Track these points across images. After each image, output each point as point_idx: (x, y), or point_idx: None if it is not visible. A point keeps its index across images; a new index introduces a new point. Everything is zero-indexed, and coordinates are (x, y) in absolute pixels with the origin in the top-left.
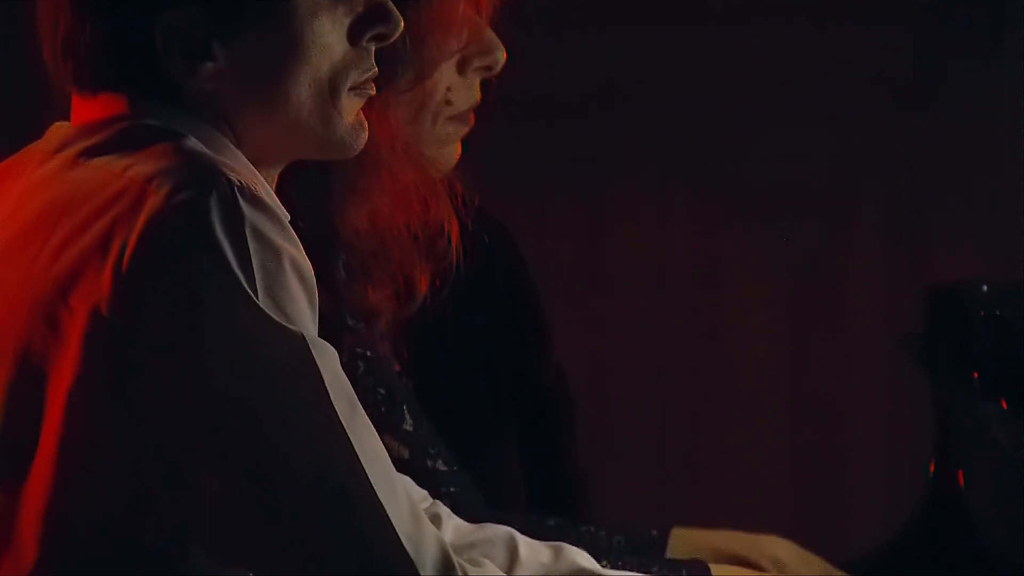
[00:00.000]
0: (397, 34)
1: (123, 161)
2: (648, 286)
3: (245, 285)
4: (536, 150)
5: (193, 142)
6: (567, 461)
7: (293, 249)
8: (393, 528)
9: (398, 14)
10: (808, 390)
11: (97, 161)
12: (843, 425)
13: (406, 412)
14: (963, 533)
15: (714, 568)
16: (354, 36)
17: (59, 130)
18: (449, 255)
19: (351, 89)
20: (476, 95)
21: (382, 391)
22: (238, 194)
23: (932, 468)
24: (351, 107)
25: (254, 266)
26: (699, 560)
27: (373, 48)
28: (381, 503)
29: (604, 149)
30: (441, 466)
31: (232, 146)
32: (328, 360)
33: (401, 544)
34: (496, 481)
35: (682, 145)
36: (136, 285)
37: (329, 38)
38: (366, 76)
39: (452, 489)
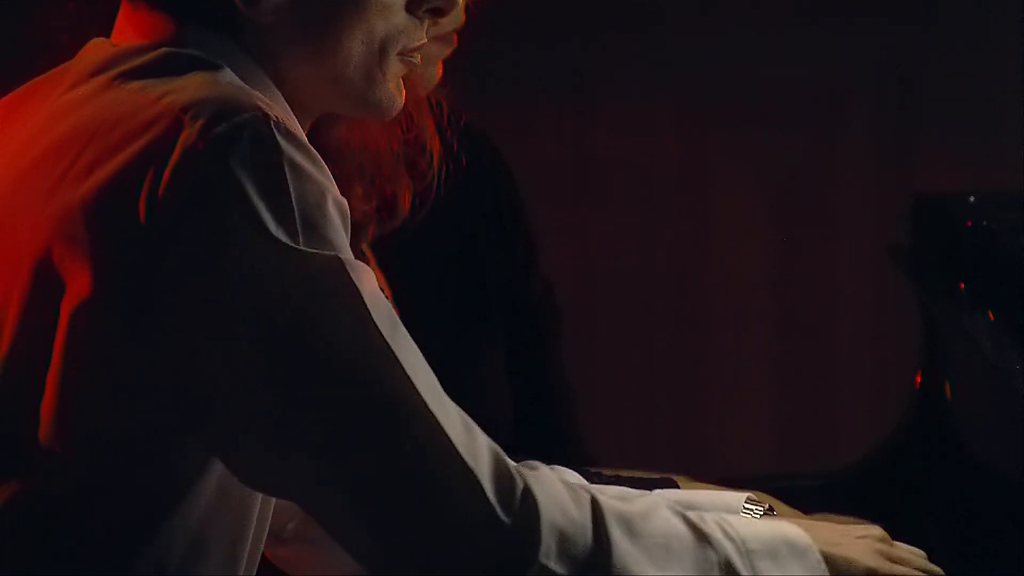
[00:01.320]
0: (451, 13)
1: (160, 88)
2: (635, 198)
3: (280, 220)
4: (523, 62)
5: (231, 75)
6: (554, 373)
7: (328, 182)
8: (449, 439)
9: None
10: (795, 301)
11: (133, 85)
12: (830, 336)
13: None
14: (949, 444)
15: (682, 482)
16: (413, 5)
17: (97, 47)
18: (430, 174)
19: (398, 54)
20: (461, 16)
21: None
22: (274, 128)
23: (919, 379)
24: (394, 72)
25: (292, 198)
26: (669, 477)
27: (427, 21)
28: (434, 415)
29: (591, 60)
30: None
31: (272, 85)
32: (366, 280)
33: (459, 454)
34: (482, 394)
35: (669, 56)
36: (169, 215)
37: (390, 1)
38: (415, 45)
39: None
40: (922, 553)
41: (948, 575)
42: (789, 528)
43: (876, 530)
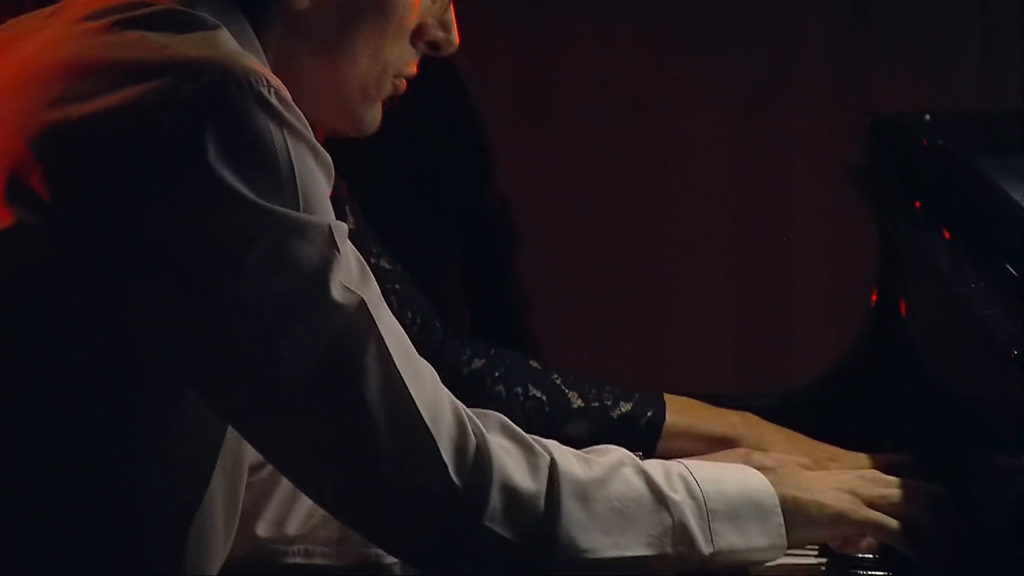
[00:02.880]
0: (446, 53)
1: (162, 39)
2: (592, 116)
3: (275, 184)
4: None
5: (231, 39)
6: (510, 288)
7: (317, 145)
8: (412, 398)
9: (457, 41)
10: (752, 218)
11: (134, 33)
12: (786, 255)
13: (348, 212)
14: (905, 362)
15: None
16: (416, 36)
17: None
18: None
19: (392, 77)
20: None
21: None
22: (275, 94)
23: (874, 297)
24: (384, 93)
25: (294, 164)
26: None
27: (420, 54)
28: (400, 373)
29: None
30: (385, 264)
31: (266, 62)
32: (347, 242)
33: (420, 415)
34: (439, 308)
35: None
36: (156, 164)
37: (407, 26)
38: (406, 73)
39: (396, 287)
40: (911, 485)
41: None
42: (758, 485)
43: (869, 472)
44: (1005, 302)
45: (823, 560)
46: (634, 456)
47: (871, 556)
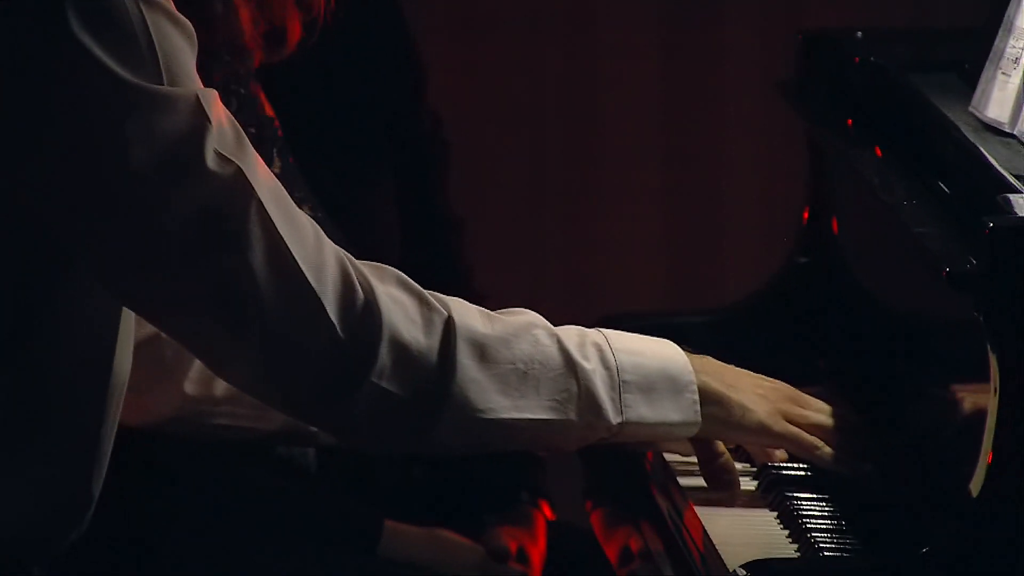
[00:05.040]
0: None
1: None
2: (522, 30)
3: (137, 59)
4: None
5: None
6: (441, 206)
7: (178, 14)
8: (294, 257)
9: None
10: (683, 135)
11: None
12: (718, 172)
13: (275, 153)
14: (837, 280)
15: None
16: None
17: None
18: (317, 4)
19: None
20: None
21: (252, 130)
22: None
23: (806, 215)
24: None
25: (154, 38)
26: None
27: None
28: (280, 232)
29: None
30: (306, 210)
31: None
32: (216, 105)
33: (303, 273)
34: (371, 226)
35: None
36: (30, 44)
37: None
38: None
39: None
40: (826, 408)
41: (837, 408)
42: (677, 359)
43: (785, 388)
44: (937, 220)
45: (752, 470)
46: (548, 322)
47: (802, 472)
